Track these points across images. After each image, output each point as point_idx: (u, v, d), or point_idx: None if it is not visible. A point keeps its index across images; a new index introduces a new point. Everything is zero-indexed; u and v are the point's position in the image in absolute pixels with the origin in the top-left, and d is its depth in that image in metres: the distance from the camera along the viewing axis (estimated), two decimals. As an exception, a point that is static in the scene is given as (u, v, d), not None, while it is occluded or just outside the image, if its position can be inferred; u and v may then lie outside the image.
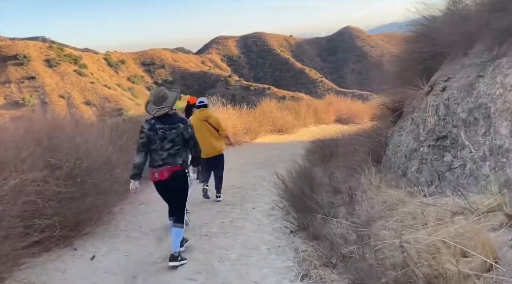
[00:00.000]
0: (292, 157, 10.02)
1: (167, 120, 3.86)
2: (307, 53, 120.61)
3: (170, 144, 3.84)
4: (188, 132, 3.89)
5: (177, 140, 3.85)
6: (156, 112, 3.83)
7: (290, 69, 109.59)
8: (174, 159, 3.86)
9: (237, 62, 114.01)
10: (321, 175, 7.29)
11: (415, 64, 5.69)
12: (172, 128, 3.84)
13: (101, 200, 4.29)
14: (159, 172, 3.84)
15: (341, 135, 10.82)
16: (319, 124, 15.34)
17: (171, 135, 3.83)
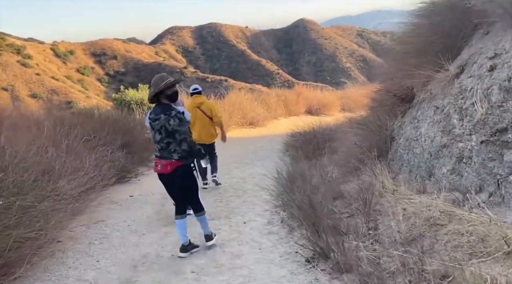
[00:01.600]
0: (270, 153, 8.97)
1: (156, 110, 3.67)
2: (263, 44, 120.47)
3: (159, 136, 3.65)
4: (170, 124, 3.58)
5: (162, 132, 3.61)
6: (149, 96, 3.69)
7: (246, 61, 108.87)
8: (169, 153, 3.65)
9: (193, 53, 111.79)
10: (313, 175, 6.25)
11: (431, 42, 4.73)
12: (155, 119, 3.62)
13: (37, 229, 2.96)
14: (161, 164, 3.68)
15: (321, 126, 9.87)
16: (290, 115, 14.38)
17: (156, 126, 3.62)
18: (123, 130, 6.84)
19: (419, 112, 4.84)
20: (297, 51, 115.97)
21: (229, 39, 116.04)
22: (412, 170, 4.63)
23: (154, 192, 5.83)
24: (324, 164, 7.52)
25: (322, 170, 6.61)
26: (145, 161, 7.09)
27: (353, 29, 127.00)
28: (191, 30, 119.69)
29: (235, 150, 9.00)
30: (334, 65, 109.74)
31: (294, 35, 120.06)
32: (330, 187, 5.50)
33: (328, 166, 7.33)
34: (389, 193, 4.40)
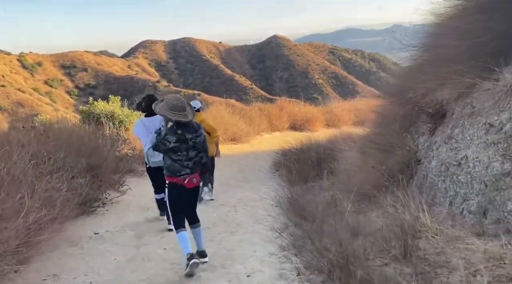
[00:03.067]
0: (258, 174, 7.96)
1: (190, 128, 3.77)
2: (236, 60, 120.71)
3: (194, 152, 3.79)
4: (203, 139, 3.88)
5: (198, 147, 3.81)
6: (181, 117, 3.68)
7: (220, 76, 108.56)
8: (198, 166, 3.85)
9: (166, 67, 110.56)
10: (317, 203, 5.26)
11: (473, 46, 3.89)
12: (197, 136, 3.80)
13: None
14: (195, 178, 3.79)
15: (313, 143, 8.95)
16: (273, 131, 13.44)
17: (198, 144, 3.79)
18: (90, 149, 5.68)
19: (457, 131, 3.96)
20: (270, 67, 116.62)
21: (202, 54, 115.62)
22: (455, 203, 3.71)
23: (125, 227, 4.68)
24: (325, 188, 6.57)
25: (328, 196, 5.65)
26: (115, 185, 5.94)
27: (325, 47, 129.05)
28: (165, 44, 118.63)
29: (218, 170, 7.92)
30: (306, 81, 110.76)
31: (267, 51, 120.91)
32: (345, 221, 4.53)
33: (330, 190, 6.40)
34: (430, 233, 3.47)
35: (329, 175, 6.99)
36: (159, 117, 4.48)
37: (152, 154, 4.67)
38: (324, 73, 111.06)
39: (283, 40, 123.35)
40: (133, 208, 5.42)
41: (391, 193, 4.62)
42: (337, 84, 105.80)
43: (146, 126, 4.75)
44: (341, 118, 16.08)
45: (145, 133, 4.68)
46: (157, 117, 4.59)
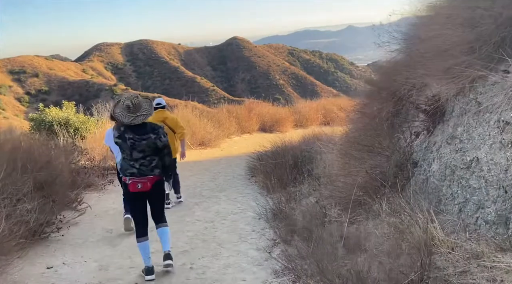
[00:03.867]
0: (233, 181, 7.38)
1: (139, 130, 3.56)
2: (197, 61, 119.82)
3: (140, 155, 3.57)
4: (161, 141, 3.62)
5: (147, 151, 3.58)
6: (133, 120, 3.50)
7: (180, 78, 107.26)
8: (151, 170, 3.62)
9: (123, 70, 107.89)
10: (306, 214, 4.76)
11: (475, 35, 3.51)
12: (143, 139, 3.55)
13: None
14: (141, 182, 3.57)
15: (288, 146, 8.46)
16: (243, 133, 12.89)
17: (141, 146, 3.55)
18: (40, 163, 4.88)
19: (460, 130, 3.56)
20: (231, 69, 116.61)
21: (161, 56, 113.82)
22: (465, 211, 3.30)
23: (86, 256, 3.96)
24: (307, 194, 6.09)
25: (314, 204, 5.16)
26: (72, 204, 5.17)
27: (285, 48, 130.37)
28: (121, 47, 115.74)
29: (189, 178, 7.29)
30: (268, 82, 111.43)
31: (228, 53, 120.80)
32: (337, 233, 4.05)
33: (312, 196, 5.93)
34: (445, 248, 3.04)
35: (309, 180, 6.53)
36: None
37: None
38: (285, 73, 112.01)
39: (243, 41, 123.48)
40: (94, 231, 4.69)
41: (386, 199, 4.19)
42: (298, 84, 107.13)
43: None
44: (309, 118, 15.76)
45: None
46: None
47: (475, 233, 3.12)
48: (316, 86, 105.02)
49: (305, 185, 6.46)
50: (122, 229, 4.57)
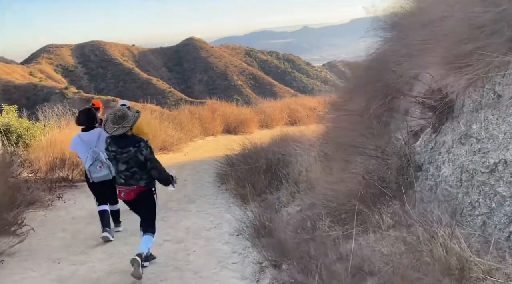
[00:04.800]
0: (201, 189, 6.66)
1: (121, 142, 3.70)
2: (152, 63, 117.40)
3: (124, 166, 3.72)
4: (142, 155, 3.69)
5: (130, 163, 3.70)
6: (114, 132, 3.66)
7: (135, 80, 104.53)
8: (136, 181, 3.76)
9: (74, 72, 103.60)
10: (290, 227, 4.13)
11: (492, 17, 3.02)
12: (123, 152, 3.68)
13: None
14: (124, 191, 3.79)
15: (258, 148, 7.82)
16: (206, 136, 12.13)
17: (122, 158, 3.69)
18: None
19: (476, 127, 3.06)
20: (188, 70, 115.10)
21: (114, 58, 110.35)
22: (491, 223, 2.80)
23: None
24: (286, 202, 5.49)
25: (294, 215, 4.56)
26: (10, 228, 4.24)
27: (242, 48, 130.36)
28: (71, 49, 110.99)
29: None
30: (226, 83, 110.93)
31: (184, 54, 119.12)
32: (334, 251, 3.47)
33: (292, 204, 5.34)
34: (479, 272, 2.50)
35: (286, 186, 5.93)
36: (96, 130, 4.64)
37: (94, 170, 4.57)
38: (243, 74, 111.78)
39: (199, 42, 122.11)
40: (39, 262, 3.82)
41: (387, 209, 3.65)
42: (256, 85, 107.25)
43: (84, 141, 4.60)
44: (274, 118, 15.25)
45: (84, 149, 4.59)
46: (95, 131, 4.64)
47: (510, 250, 2.61)
48: (274, 86, 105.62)
49: (283, 192, 5.87)
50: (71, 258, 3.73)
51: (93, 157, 4.53)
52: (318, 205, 4.56)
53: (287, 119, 15.83)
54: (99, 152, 4.53)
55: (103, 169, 4.55)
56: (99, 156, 4.53)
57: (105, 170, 4.56)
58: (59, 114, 8.68)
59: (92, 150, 4.53)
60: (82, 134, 4.65)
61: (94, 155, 4.53)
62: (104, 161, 4.52)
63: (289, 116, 15.96)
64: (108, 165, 4.51)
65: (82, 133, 4.66)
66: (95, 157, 4.53)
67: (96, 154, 4.53)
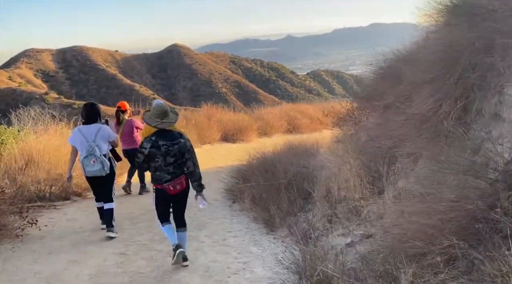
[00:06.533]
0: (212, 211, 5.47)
1: (168, 136, 3.89)
2: (135, 69, 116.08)
3: (172, 159, 3.87)
4: (186, 146, 3.94)
5: (178, 155, 3.89)
6: (158, 125, 3.84)
7: (118, 86, 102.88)
8: (182, 171, 3.95)
9: (55, 78, 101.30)
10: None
11: None
12: (174, 144, 3.87)
13: None
14: (179, 183, 3.92)
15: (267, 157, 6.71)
16: (203, 144, 10.97)
17: (174, 150, 3.86)
18: None
19: None
20: (172, 76, 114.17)
21: (97, 63, 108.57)
22: None
23: None
24: (322, 229, 4.39)
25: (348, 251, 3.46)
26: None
27: (226, 56, 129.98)
28: (52, 53, 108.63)
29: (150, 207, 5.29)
30: (210, 90, 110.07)
31: (168, 60, 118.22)
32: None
33: (335, 233, 4.26)
34: None
35: (317, 207, 4.83)
36: (97, 125, 4.74)
37: (87, 164, 4.58)
38: (227, 82, 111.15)
39: (183, 49, 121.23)
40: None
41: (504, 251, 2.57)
42: (240, 92, 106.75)
43: (82, 133, 4.68)
44: (273, 126, 14.18)
45: (82, 141, 4.64)
46: (94, 125, 4.72)
47: None
48: (259, 94, 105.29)
49: (314, 214, 4.75)
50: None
51: (88, 150, 4.54)
52: (379, 239, 3.47)
53: (286, 127, 14.81)
54: (94, 147, 4.56)
55: (96, 163, 4.55)
56: (94, 151, 4.55)
57: (98, 165, 4.56)
58: (36, 118, 7.40)
59: (88, 143, 4.56)
60: (82, 127, 4.75)
61: (89, 149, 4.54)
62: (99, 157, 4.55)
63: (288, 123, 14.95)
64: (102, 160, 4.57)
65: (83, 126, 4.77)
66: (90, 151, 4.54)
67: (92, 148, 4.55)
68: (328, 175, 5.15)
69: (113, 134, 4.91)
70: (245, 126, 12.72)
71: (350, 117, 7.66)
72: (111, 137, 4.78)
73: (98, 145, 4.57)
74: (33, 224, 4.38)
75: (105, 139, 4.68)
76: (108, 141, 4.74)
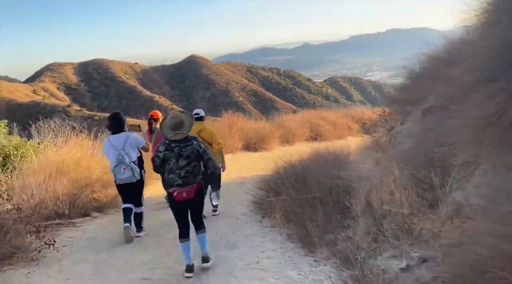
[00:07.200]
0: (240, 226, 5.08)
1: (181, 140, 3.93)
2: (155, 80, 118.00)
3: (184, 162, 3.89)
4: (201, 147, 3.96)
5: (191, 157, 3.91)
6: (172, 137, 3.91)
7: (138, 97, 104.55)
8: (194, 177, 3.93)
9: (77, 90, 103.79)
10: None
11: None
12: (186, 146, 3.92)
13: None
14: (186, 191, 3.88)
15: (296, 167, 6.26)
16: (225, 153, 10.58)
17: (186, 151, 3.89)
18: None
19: None
20: (190, 87, 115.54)
21: (117, 76, 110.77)
22: None
23: None
24: (367, 249, 3.91)
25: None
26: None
27: (242, 65, 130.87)
28: (74, 67, 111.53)
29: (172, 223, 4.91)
30: (228, 99, 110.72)
31: (187, 71, 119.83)
32: None
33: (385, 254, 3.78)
34: None
35: (359, 224, 4.36)
36: (125, 134, 4.90)
37: (118, 172, 4.70)
38: (244, 91, 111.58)
39: (201, 59, 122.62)
40: None
41: None
42: (257, 101, 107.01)
43: (112, 144, 4.80)
44: (295, 133, 13.73)
45: (112, 152, 4.76)
46: (122, 134, 4.87)
47: None
48: (275, 102, 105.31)
49: (356, 232, 4.28)
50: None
51: (118, 159, 4.67)
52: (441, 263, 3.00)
53: (309, 134, 14.33)
54: (124, 155, 4.69)
55: (127, 171, 4.68)
56: (123, 159, 4.68)
57: (129, 172, 4.69)
58: (56, 131, 7.16)
59: (118, 152, 4.69)
60: (111, 137, 4.88)
61: (119, 157, 4.67)
62: (128, 164, 4.68)
63: (311, 130, 14.47)
64: (132, 167, 4.70)
65: (111, 136, 4.90)
66: (120, 159, 4.66)
67: (121, 156, 4.67)
68: (368, 187, 4.67)
69: (141, 141, 5.09)
70: (266, 134, 12.31)
71: (382, 122, 7.18)
72: (139, 144, 4.99)
73: (127, 153, 4.74)
74: (50, 246, 4.05)
75: (133, 146, 4.88)
76: (138, 147, 4.97)
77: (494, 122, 3.25)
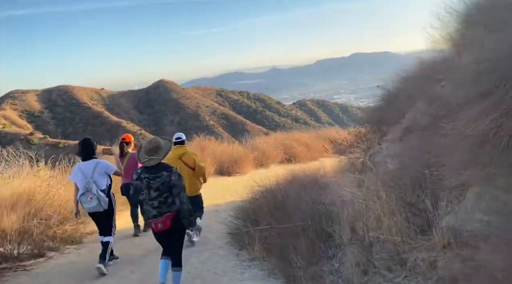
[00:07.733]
0: (217, 262, 4.61)
1: (153, 169, 3.84)
2: (122, 106, 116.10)
3: (156, 193, 3.81)
4: (171, 180, 3.83)
5: (161, 189, 3.81)
6: (145, 162, 3.82)
7: (105, 123, 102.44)
8: (168, 207, 3.82)
9: (40, 118, 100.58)
10: None
11: None
12: (156, 177, 3.81)
13: None
14: (160, 222, 3.80)
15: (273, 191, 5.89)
16: (196, 179, 10.13)
17: (156, 183, 3.80)
18: None
19: None
20: (159, 111, 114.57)
21: (83, 102, 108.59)
22: None
23: None
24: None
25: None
26: None
27: (213, 89, 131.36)
28: (38, 94, 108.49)
29: (141, 261, 4.39)
30: (198, 123, 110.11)
31: (155, 96, 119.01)
32: None
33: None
34: None
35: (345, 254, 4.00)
36: (94, 161, 4.79)
37: (84, 200, 4.63)
38: (214, 114, 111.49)
39: (170, 84, 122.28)
40: None
41: None
42: (228, 124, 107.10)
43: (82, 171, 4.73)
44: (269, 156, 13.42)
45: (81, 179, 4.68)
46: (91, 161, 4.77)
47: None
48: (246, 124, 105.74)
49: (343, 263, 3.92)
50: None
51: (85, 187, 4.58)
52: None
53: (283, 156, 14.07)
54: (91, 184, 4.59)
55: (93, 200, 4.58)
56: (90, 188, 4.57)
57: (95, 202, 4.58)
58: (7, 160, 6.53)
59: (86, 180, 4.60)
60: (81, 164, 4.79)
61: (86, 186, 4.57)
62: (95, 193, 4.57)
63: (285, 152, 14.23)
64: (98, 196, 4.57)
65: (82, 163, 4.81)
66: (87, 188, 4.57)
67: (88, 185, 4.58)
68: (352, 212, 4.34)
69: (112, 167, 4.91)
70: (240, 157, 11.95)
71: (358, 143, 6.98)
72: (110, 170, 4.83)
73: (96, 181, 4.62)
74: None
75: (102, 174, 4.72)
76: (108, 174, 4.81)
77: (488, 139, 3.01)
